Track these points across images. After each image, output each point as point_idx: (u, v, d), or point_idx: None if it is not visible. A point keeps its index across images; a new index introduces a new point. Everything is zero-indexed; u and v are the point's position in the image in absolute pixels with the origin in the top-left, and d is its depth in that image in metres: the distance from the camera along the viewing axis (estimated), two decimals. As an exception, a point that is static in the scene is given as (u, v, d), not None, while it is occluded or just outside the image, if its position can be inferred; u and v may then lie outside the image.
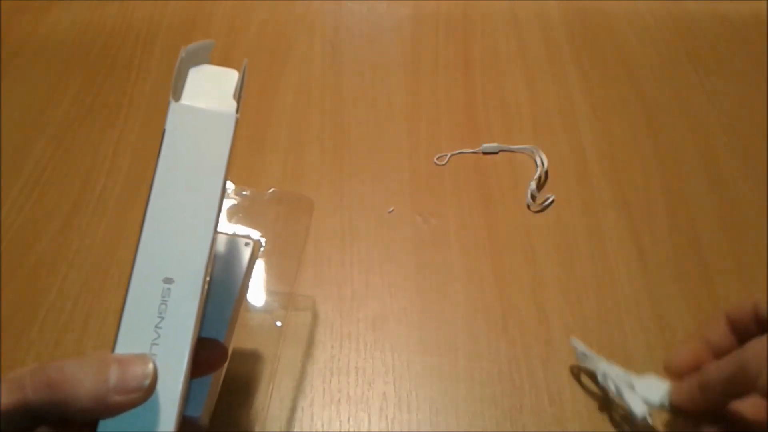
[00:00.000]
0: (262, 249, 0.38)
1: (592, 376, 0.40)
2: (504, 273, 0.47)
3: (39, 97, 0.59)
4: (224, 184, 0.27)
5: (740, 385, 0.31)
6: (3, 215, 0.50)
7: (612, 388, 0.37)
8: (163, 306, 0.25)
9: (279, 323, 0.41)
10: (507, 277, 0.46)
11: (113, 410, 0.23)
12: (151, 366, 0.24)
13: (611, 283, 0.46)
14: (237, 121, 0.27)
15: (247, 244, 0.35)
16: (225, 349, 0.31)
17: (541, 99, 0.59)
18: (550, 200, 0.51)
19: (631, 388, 0.36)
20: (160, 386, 0.24)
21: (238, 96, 0.28)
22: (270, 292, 0.41)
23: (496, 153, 0.54)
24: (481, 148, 0.54)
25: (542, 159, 0.53)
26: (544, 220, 0.50)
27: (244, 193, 0.43)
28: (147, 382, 0.23)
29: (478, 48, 0.64)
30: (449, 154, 0.54)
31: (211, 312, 0.32)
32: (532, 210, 0.50)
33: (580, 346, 0.40)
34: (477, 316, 0.44)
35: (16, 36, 0.65)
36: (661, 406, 0.36)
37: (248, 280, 0.35)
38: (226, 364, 0.33)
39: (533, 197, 0.51)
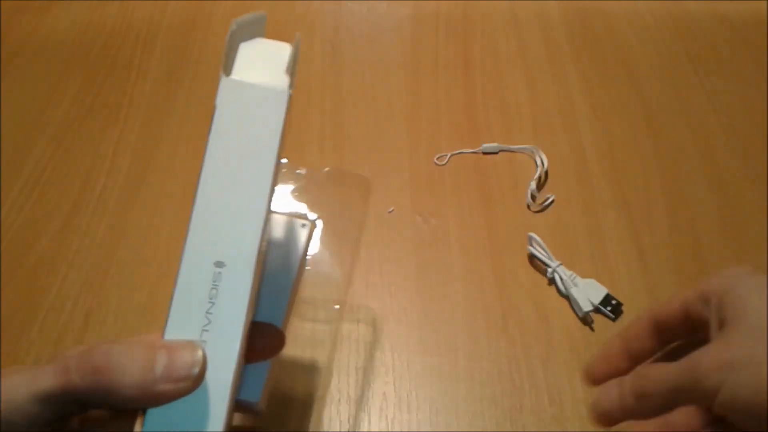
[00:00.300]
0: (317, 230, 0.37)
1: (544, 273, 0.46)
2: (504, 273, 0.47)
3: (39, 97, 0.59)
4: (277, 162, 0.26)
5: (689, 396, 0.26)
6: (3, 215, 0.50)
7: (560, 285, 0.45)
8: (214, 291, 0.24)
9: (337, 306, 0.40)
10: (507, 277, 0.46)
11: (160, 399, 0.22)
12: (200, 353, 0.22)
13: (611, 283, 0.46)
14: (290, 97, 0.26)
15: (303, 225, 0.34)
16: (282, 335, 0.30)
17: (541, 99, 0.59)
18: (550, 200, 0.50)
19: (576, 286, 0.44)
20: (210, 374, 0.23)
21: (291, 71, 0.26)
22: (325, 281, 0.40)
23: (496, 153, 0.54)
24: (481, 148, 0.54)
25: (542, 159, 0.53)
26: (544, 220, 0.50)
27: (298, 171, 0.43)
28: (195, 370, 0.22)
29: (478, 48, 0.64)
30: (449, 154, 0.54)
31: (267, 296, 0.31)
32: (532, 210, 0.50)
33: (535, 245, 0.46)
34: (477, 316, 0.44)
35: (16, 36, 0.65)
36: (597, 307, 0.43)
37: (304, 263, 0.34)
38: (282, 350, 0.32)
39: (533, 197, 0.51)
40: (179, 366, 0.22)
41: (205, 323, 0.24)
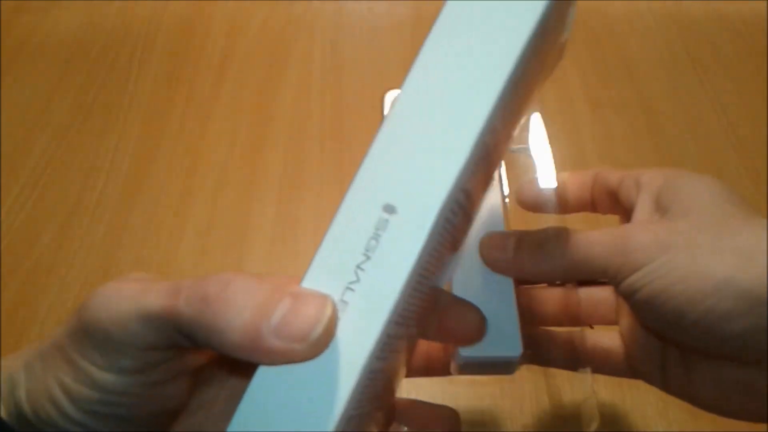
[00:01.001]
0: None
1: None
2: (504, 273, 0.47)
3: (39, 97, 0.59)
4: (508, 90, 0.19)
5: (603, 266, 0.24)
6: (3, 215, 0.50)
7: None
8: (374, 242, 0.18)
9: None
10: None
11: (268, 356, 0.17)
12: (328, 312, 0.17)
13: (611, 283, 0.46)
14: (552, 8, 0.19)
15: None
16: (479, 320, 0.24)
17: (541, 99, 0.59)
18: (550, 200, 0.50)
19: None
20: (343, 344, 0.18)
21: None
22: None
23: (496, 153, 0.54)
24: (481, 148, 0.54)
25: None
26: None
27: None
28: (316, 332, 0.17)
29: (478, 48, 0.64)
30: (449, 154, 0.54)
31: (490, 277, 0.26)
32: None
33: None
34: (477, 316, 0.44)
35: (16, 36, 0.65)
36: None
37: (506, 211, 0.28)
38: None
39: (533, 197, 0.50)
40: (299, 321, 0.17)
41: (351, 280, 0.18)
